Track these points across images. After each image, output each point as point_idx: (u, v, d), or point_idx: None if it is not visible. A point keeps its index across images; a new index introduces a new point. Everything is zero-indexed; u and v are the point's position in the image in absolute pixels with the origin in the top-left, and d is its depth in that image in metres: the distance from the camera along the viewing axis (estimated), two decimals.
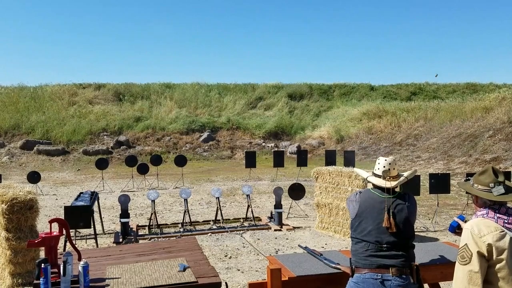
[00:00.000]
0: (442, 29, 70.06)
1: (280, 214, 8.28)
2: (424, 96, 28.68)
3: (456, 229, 2.78)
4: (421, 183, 8.44)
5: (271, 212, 8.67)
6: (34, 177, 12.14)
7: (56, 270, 2.80)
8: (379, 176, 2.84)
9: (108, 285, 2.77)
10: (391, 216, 2.69)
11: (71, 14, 65.41)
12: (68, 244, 5.65)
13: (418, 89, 30.13)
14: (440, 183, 8.35)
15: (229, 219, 8.75)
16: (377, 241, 2.68)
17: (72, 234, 6.64)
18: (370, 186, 3.10)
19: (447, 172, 12.80)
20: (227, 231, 7.89)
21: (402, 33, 70.21)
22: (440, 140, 18.17)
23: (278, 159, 14.78)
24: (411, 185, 8.08)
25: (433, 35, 70.02)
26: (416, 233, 7.63)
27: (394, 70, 65.07)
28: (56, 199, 11.56)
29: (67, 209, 6.58)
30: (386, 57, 67.44)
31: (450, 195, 10.52)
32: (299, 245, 3.96)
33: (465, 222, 2.69)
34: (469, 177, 2.66)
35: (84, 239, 7.35)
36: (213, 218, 8.62)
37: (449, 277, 3.40)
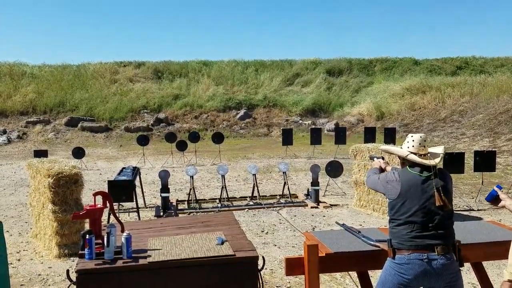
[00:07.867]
0: (490, 1, 66.09)
1: (317, 191, 8.24)
2: (470, 70, 27.33)
3: (493, 199, 2.65)
4: (465, 161, 8.14)
5: (308, 190, 8.64)
6: (78, 153, 12.65)
7: (100, 241, 2.91)
8: (414, 154, 2.77)
9: (149, 255, 2.86)
10: (442, 194, 2.63)
11: None
12: (111, 216, 5.87)
13: (464, 63, 28.72)
14: (485, 161, 8.03)
15: (265, 196, 8.81)
16: (423, 221, 2.63)
17: (115, 207, 6.89)
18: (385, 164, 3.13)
19: (493, 149, 12.26)
20: (263, 207, 7.96)
21: (447, 5, 66.83)
22: (486, 116, 17.37)
23: (316, 137, 14.62)
24: (455, 163, 7.81)
25: (480, 6, 66.22)
26: (459, 212, 7.44)
27: (439, 43, 62.27)
28: (100, 174, 12.01)
29: (110, 183, 6.82)
30: (431, 30, 64.55)
31: (496, 173, 10.09)
32: (336, 222, 3.94)
33: (502, 191, 2.59)
34: None
35: (127, 212, 7.63)
36: (250, 195, 8.70)
37: (492, 256, 3.29)
